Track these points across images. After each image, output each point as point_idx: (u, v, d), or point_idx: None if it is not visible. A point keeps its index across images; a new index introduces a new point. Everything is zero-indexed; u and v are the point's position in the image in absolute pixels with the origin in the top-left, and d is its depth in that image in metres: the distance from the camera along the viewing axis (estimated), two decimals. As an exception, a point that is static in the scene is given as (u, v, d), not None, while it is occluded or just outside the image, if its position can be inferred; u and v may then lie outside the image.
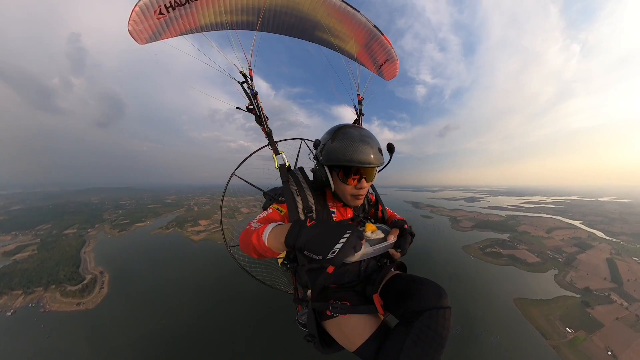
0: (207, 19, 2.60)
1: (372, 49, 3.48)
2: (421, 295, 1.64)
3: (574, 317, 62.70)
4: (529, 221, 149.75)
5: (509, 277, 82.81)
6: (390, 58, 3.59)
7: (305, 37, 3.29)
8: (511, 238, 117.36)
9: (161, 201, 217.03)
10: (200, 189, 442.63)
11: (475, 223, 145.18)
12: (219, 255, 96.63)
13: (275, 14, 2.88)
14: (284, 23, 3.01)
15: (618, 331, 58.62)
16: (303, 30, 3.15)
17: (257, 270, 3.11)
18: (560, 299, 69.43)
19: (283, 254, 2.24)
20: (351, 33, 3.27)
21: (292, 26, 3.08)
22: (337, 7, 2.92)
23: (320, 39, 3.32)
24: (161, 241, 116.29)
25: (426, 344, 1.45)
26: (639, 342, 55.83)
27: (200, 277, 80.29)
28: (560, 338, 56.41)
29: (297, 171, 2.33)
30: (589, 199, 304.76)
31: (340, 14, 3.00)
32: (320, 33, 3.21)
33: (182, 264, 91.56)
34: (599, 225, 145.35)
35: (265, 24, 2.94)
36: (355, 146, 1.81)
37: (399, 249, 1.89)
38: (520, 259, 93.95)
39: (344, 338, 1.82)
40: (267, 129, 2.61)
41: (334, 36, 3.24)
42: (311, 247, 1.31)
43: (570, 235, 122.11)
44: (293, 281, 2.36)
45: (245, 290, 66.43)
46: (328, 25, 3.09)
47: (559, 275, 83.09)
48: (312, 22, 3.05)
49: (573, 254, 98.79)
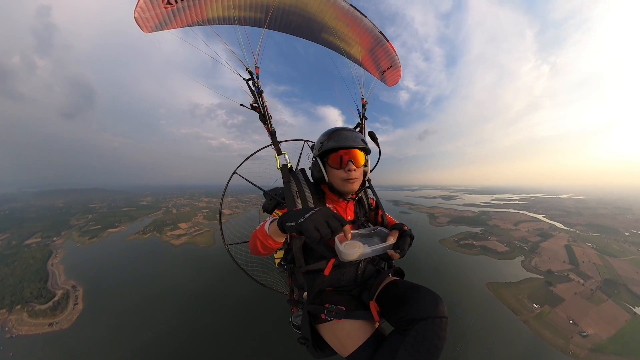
0: (216, 12, 2.57)
1: (377, 54, 3.49)
2: (418, 304, 1.60)
3: (539, 295, 69.51)
4: (499, 216, 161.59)
5: (482, 265, 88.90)
6: (394, 65, 3.59)
7: (311, 38, 3.28)
8: (483, 231, 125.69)
9: (136, 203, 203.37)
10: (179, 189, 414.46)
11: (451, 219, 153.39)
12: (203, 259, 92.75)
13: (284, 13, 2.87)
14: (292, 22, 3.00)
15: (577, 303, 66.24)
16: (310, 31, 3.15)
17: (254, 270, 3.05)
18: (526, 281, 76.05)
19: (281, 254, 2.29)
20: (357, 37, 3.27)
21: (299, 26, 3.07)
22: (345, 11, 2.94)
23: (326, 41, 3.32)
24: (138, 248, 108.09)
25: (420, 353, 1.41)
26: (594, 310, 63.31)
27: (184, 283, 75.43)
28: (528, 313, 62.33)
29: (298, 172, 2.33)
30: (550, 196, 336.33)
31: (348, 17, 3.02)
32: (327, 35, 3.21)
33: (164, 271, 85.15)
34: (558, 217, 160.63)
35: (273, 22, 2.92)
36: (341, 134, 2.06)
37: (398, 250, 1.84)
38: (491, 249, 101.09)
39: (338, 343, 1.79)
40: (270, 128, 2.57)
41: (340, 39, 3.23)
42: (287, 218, 1.44)
43: (534, 227, 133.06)
44: (289, 282, 2.36)
45: (235, 295, 64.20)
46: (335, 28, 3.08)
47: (525, 261, 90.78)
48: (320, 24, 3.05)
49: (537, 242, 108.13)
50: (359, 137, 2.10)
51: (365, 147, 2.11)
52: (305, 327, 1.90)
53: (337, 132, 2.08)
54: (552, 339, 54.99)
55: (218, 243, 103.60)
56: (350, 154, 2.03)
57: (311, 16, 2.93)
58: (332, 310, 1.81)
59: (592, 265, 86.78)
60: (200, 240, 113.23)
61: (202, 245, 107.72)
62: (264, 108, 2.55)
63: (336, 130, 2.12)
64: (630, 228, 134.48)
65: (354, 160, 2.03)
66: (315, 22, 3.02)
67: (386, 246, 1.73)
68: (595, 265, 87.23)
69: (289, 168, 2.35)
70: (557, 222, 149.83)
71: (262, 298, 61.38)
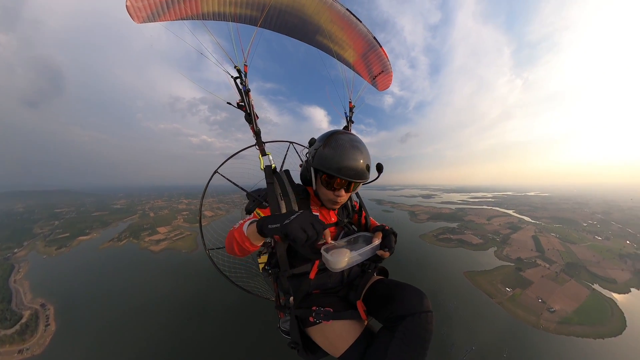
0: (211, 7, 2.55)
1: (370, 59, 3.49)
2: (403, 300, 1.64)
3: (511, 279, 74.76)
4: (474, 212, 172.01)
5: (459, 256, 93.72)
6: (386, 70, 3.60)
7: (305, 39, 3.26)
8: (459, 226, 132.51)
9: (109, 207, 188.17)
10: (156, 190, 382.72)
11: (431, 215, 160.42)
12: (186, 265, 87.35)
13: (279, 13, 2.82)
14: (287, 23, 2.96)
15: (544, 285, 72.25)
16: (304, 32, 3.12)
17: (237, 276, 2.91)
18: (499, 268, 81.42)
19: (265, 259, 2.24)
20: (351, 41, 3.26)
21: (294, 27, 3.04)
22: (341, 15, 2.93)
23: (320, 44, 3.30)
24: (114, 256, 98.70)
25: (410, 347, 1.46)
26: (559, 290, 69.90)
27: (167, 293, 69.56)
28: (502, 296, 67.09)
29: (282, 174, 2.26)
30: (519, 194, 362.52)
31: (343, 21, 3.01)
32: (321, 38, 3.19)
33: (144, 281, 78.12)
34: (526, 212, 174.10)
35: (267, 21, 2.88)
36: (344, 159, 1.76)
37: (386, 249, 1.87)
38: (467, 242, 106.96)
39: (329, 344, 1.80)
40: (255, 128, 2.51)
41: (334, 42, 3.22)
42: (270, 220, 1.45)
43: (505, 221, 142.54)
44: (274, 288, 2.30)
45: (223, 301, 61.18)
46: (329, 31, 3.07)
47: (498, 251, 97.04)
48: (315, 26, 3.02)
49: (507, 234, 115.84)
50: (363, 165, 1.82)
51: (364, 180, 1.92)
52: (294, 331, 1.89)
53: (340, 150, 1.78)
54: (524, 316, 59.82)
55: (201, 247, 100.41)
56: (347, 182, 1.88)
57: (307, 17, 2.91)
58: (320, 312, 1.80)
59: (556, 252, 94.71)
60: (181, 245, 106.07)
61: (185, 251, 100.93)
62: (250, 107, 2.51)
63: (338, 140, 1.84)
64: (587, 219, 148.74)
65: (349, 188, 1.94)
66: (310, 24, 3.00)
67: (374, 247, 1.76)
68: (559, 251, 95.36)
69: (273, 169, 2.28)
70: (525, 216, 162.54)
71: (250, 303, 59.05)
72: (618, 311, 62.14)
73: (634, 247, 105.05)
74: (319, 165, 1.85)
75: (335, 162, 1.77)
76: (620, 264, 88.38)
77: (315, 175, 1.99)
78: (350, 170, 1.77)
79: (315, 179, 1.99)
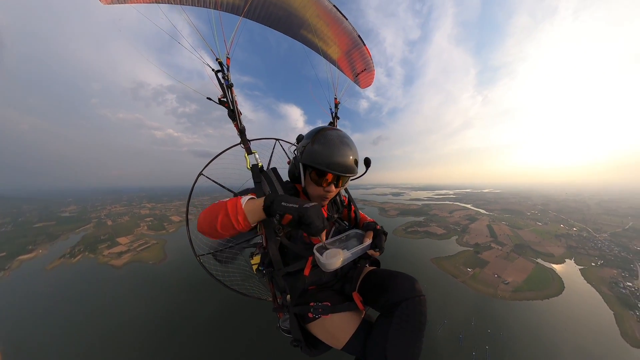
0: None
1: (353, 57, 3.48)
2: (397, 288, 1.68)
3: (471, 261, 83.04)
4: (438, 207, 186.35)
5: (426, 246, 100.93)
6: (368, 68, 3.60)
7: (290, 33, 3.20)
8: (425, 219, 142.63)
9: (55, 216, 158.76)
10: (113, 193, 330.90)
11: (400, 211, 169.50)
12: (156, 278, 76.40)
13: (264, 3, 2.71)
14: (272, 14, 2.86)
15: (498, 263, 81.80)
16: (289, 25, 3.05)
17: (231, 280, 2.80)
18: (461, 253, 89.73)
19: (257, 259, 2.15)
20: (336, 38, 3.23)
21: (279, 19, 2.94)
22: (328, 11, 2.90)
23: (304, 38, 3.24)
24: (67, 277, 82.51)
25: (407, 330, 1.51)
26: (510, 266, 79.91)
27: (138, 313, 59.81)
28: (465, 276, 74.56)
29: (270, 172, 2.16)
30: (477, 191, 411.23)
31: (329, 17, 2.97)
32: (306, 32, 3.14)
33: (108, 303, 65.41)
34: (482, 206, 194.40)
35: (252, 11, 2.73)
36: (334, 154, 1.75)
37: (377, 249, 1.91)
38: (432, 233, 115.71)
39: (330, 337, 1.82)
40: (240, 125, 2.33)
41: (319, 38, 3.18)
42: (288, 200, 1.42)
43: (465, 214, 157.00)
44: (270, 288, 2.24)
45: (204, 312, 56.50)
46: (315, 26, 3.01)
47: (459, 239, 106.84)
48: (300, 20, 2.96)
49: (466, 224, 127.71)
50: (352, 159, 1.81)
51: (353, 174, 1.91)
52: (295, 329, 1.88)
53: (329, 145, 1.77)
54: (484, 290, 67.55)
55: (171, 256, 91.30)
56: (337, 177, 1.87)
57: (292, 10, 2.85)
58: (318, 307, 1.81)
59: (506, 236, 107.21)
60: (148, 256, 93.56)
61: (152, 262, 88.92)
62: (234, 103, 2.34)
63: (327, 136, 1.82)
64: (530, 210, 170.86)
65: (339, 183, 1.93)
66: (295, 17, 2.94)
67: (365, 247, 1.83)
68: (508, 236, 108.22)
69: (260, 168, 2.19)
70: (481, 209, 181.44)
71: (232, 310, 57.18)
72: (557, 277, 73.79)
73: (566, 229, 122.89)
74: (308, 161, 1.82)
75: (324, 157, 1.74)
76: (556, 242, 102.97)
77: (304, 171, 1.97)
78: (339, 165, 1.76)
79: (304, 176, 1.98)
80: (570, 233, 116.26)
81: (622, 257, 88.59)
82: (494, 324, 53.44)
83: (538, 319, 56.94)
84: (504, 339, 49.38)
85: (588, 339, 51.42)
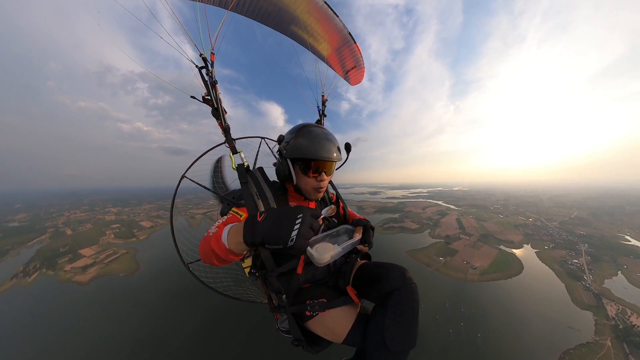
0: None
1: (343, 54, 3.44)
2: (389, 278, 1.72)
3: (442, 251, 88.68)
4: (412, 204, 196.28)
5: (401, 240, 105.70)
6: (358, 65, 3.59)
7: (279, 28, 3.08)
8: (400, 216, 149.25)
9: (1, 226, 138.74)
10: (70, 197, 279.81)
11: (377, 209, 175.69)
12: (129, 292, 68.23)
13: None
14: (261, 9, 2.75)
15: (467, 251, 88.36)
16: (278, 21, 2.94)
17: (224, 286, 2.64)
18: (433, 244, 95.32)
19: (249, 262, 2.12)
20: (326, 35, 3.18)
21: (268, 14, 2.83)
22: (319, 7, 2.85)
23: (294, 34, 3.14)
24: (23, 300, 69.79)
25: (402, 317, 1.57)
26: (477, 253, 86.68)
27: (112, 332, 53.11)
28: (437, 264, 79.71)
29: (256, 172, 2.11)
30: (447, 189, 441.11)
31: (320, 14, 2.92)
32: (296, 28, 3.05)
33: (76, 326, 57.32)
34: (452, 202, 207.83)
35: (240, 4, 2.61)
36: (319, 142, 1.79)
37: (366, 244, 1.94)
38: (407, 228, 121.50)
39: (330, 333, 1.84)
40: (224, 124, 2.24)
41: (309, 34, 3.10)
42: (269, 239, 1.23)
43: (436, 210, 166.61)
44: (265, 290, 2.18)
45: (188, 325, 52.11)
46: (305, 22, 2.95)
47: (431, 232, 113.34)
48: (290, 15, 2.87)
49: (438, 219, 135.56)
50: (335, 146, 1.87)
51: (340, 159, 1.96)
52: (294, 328, 1.88)
53: (314, 137, 1.81)
54: (456, 275, 73.00)
55: (144, 266, 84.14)
56: (326, 165, 1.88)
57: (283, 6, 2.77)
58: (315, 305, 1.83)
59: (473, 228, 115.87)
60: (118, 268, 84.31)
61: (123, 274, 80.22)
62: (218, 101, 2.22)
63: (311, 131, 1.85)
64: (493, 205, 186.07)
65: (328, 170, 1.92)
66: (285, 13, 2.85)
67: (354, 242, 1.86)
68: (475, 227, 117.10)
69: (246, 167, 2.13)
70: (451, 205, 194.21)
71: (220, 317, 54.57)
72: (517, 260, 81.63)
73: (523, 220, 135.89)
74: (296, 154, 1.81)
75: (311, 147, 1.77)
76: (515, 231, 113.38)
77: (292, 167, 1.93)
78: (326, 151, 1.78)
79: (293, 171, 1.94)
80: (527, 223, 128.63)
81: (569, 240, 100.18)
82: (466, 303, 57.90)
83: (504, 295, 62.86)
84: (476, 315, 53.81)
85: (547, 307, 58.19)
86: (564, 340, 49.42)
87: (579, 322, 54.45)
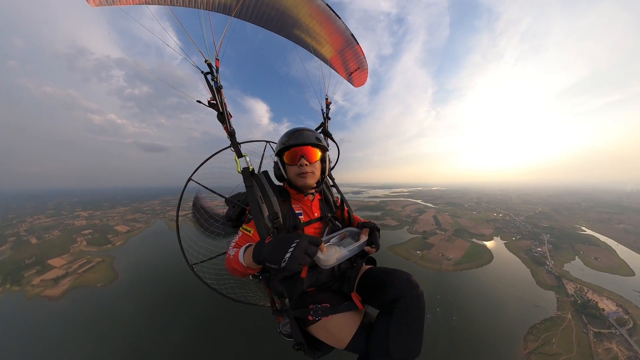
0: None
1: (346, 56, 3.44)
2: (395, 285, 1.71)
3: (420, 245, 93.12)
4: (393, 203, 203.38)
5: (382, 236, 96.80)
6: (362, 67, 3.57)
7: (282, 32, 3.12)
8: (382, 214, 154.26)
9: None
10: (32, 199, 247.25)
11: (359, 207, 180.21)
12: (109, 304, 62.01)
13: (256, 3, 2.65)
14: (264, 14, 2.79)
15: (442, 245, 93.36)
16: (281, 25, 2.98)
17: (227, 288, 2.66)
18: (411, 239, 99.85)
19: None
20: (329, 37, 3.19)
21: (271, 19, 2.87)
22: (321, 10, 2.87)
23: (297, 38, 3.16)
24: None
25: (408, 326, 1.55)
26: (451, 246, 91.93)
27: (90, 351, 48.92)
28: (415, 257, 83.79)
29: (261, 175, 2.18)
30: (426, 189, 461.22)
31: (322, 16, 2.94)
32: (298, 32, 3.07)
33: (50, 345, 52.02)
34: (430, 201, 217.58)
35: (243, 10, 2.67)
36: (295, 132, 2.04)
37: (373, 245, 1.95)
38: (387, 225, 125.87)
39: (333, 338, 1.81)
40: (229, 128, 2.28)
41: (311, 37, 3.13)
42: (268, 259, 1.38)
43: (415, 208, 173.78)
44: (268, 293, 2.24)
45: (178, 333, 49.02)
46: (307, 26, 2.97)
47: (410, 228, 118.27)
48: (292, 19, 2.91)
49: (416, 216, 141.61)
50: (313, 135, 2.07)
51: (318, 144, 2.07)
52: (296, 332, 1.86)
53: (296, 132, 2.06)
54: (432, 266, 77.42)
55: (123, 275, 76.76)
56: (302, 150, 2.00)
57: (285, 10, 2.79)
58: (318, 309, 1.80)
59: (448, 224, 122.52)
60: (94, 278, 76.70)
61: (101, 284, 73.10)
62: (223, 106, 2.27)
63: (296, 130, 2.09)
64: (468, 202, 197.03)
65: (306, 156, 2.01)
66: (288, 17, 2.88)
67: (361, 244, 1.85)
68: (450, 223, 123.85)
69: (251, 171, 2.18)
70: (429, 203, 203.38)
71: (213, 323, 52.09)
72: (488, 251, 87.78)
73: (494, 215, 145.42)
74: (278, 147, 2.06)
75: (288, 136, 2.04)
76: (487, 225, 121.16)
77: (280, 161, 2.10)
78: (301, 137, 1.99)
79: (281, 164, 2.10)
80: (497, 218, 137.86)
81: (533, 232, 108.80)
82: (442, 291, 61.47)
83: (476, 282, 67.74)
84: (451, 301, 57.44)
85: (514, 289, 63.54)
86: (530, 317, 54.08)
87: (544, 300, 59.79)
